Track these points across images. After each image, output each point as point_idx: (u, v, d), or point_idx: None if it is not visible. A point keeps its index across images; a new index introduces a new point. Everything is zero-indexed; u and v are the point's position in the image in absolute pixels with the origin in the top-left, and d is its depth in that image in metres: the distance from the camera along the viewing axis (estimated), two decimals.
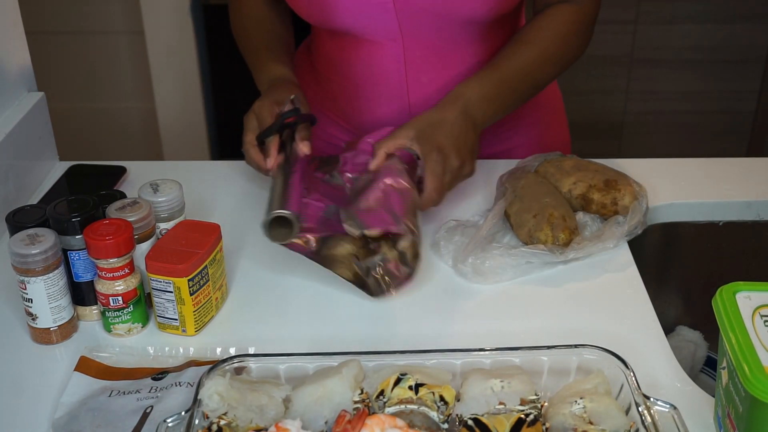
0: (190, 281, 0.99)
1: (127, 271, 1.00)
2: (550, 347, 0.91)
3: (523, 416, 0.84)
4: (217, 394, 0.84)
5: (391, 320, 1.07)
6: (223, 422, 0.83)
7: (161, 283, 1.00)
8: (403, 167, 1.14)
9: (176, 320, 1.02)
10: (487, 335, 1.01)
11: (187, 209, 1.13)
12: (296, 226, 1.04)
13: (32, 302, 1.00)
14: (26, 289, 1.00)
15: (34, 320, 1.02)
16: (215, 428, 0.82)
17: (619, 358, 0.88)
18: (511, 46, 1.25)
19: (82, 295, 1.05)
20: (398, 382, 0.86)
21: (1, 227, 1.16)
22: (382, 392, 0.86)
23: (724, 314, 0.83)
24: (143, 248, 1.04)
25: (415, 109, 1.33)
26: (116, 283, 1.01)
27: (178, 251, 1.00)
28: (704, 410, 0.91)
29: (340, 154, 1.24)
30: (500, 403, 0.85)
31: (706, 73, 2.84)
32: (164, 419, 0.84)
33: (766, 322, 0.82)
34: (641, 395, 0.84)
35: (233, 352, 1.00)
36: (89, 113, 2.67)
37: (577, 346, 0.90)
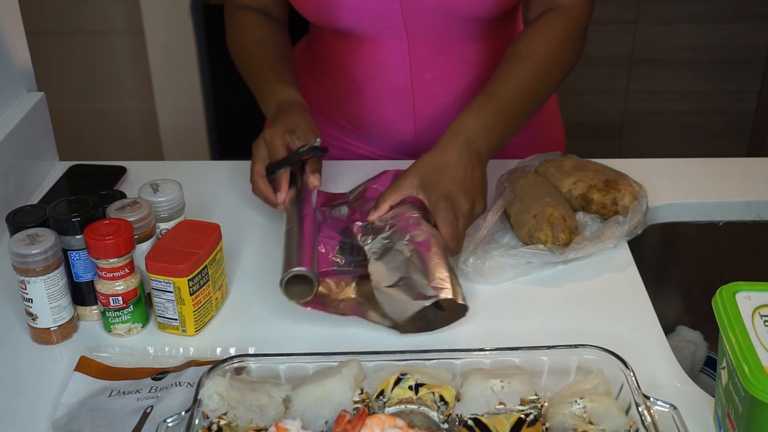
0: (190, 281, 0.99)
1: (127, 271, 1.00)
2: (550, 347, 0.91)
3: (523, 416, 0.84)
4: (217, 394, 0.84)
5: None
6: (223, 422, 0.83)
7: (161, 283, 1.00)
8: (417, 213, 1.08)
9: (176, 320, 1.02)
10: (487, 335, 1.01)
11: (187, 209, 1.13)
12: (315, 284, 1.00)
13: (32, 302, 1.00)
14: (26, 289, 1.00)
15: (34, 320, 1.02)
16: (215, 428, 0.82)
17: (619, 358, 0.88)
18: (505, 65, 1.19)
19: (82, 295, 1.05)
20: (398, 382, 0.86)
21: (1, 227, 1.16)
22: (382, 392, 0.86)
23: (724, 314, 0.83)
24: (143, 248, 1.04)
25: (419, 106, 1.33)
26: (116, 283, 1.01)
27: (178, 251, 1.00)
28: (704, 410, 0.91)
29: (346, 200, 1.21)
30: (500, 403, 0.85)
31: (706, 73, 2.84)
32: (164, 419, 0.84)
33: (766, 322, 0.82)
34: (641, 395, 0.84)
35: (233, 352, 1.00)
36: (89, 113, 2.67)
37: (577, 346, 0.90)
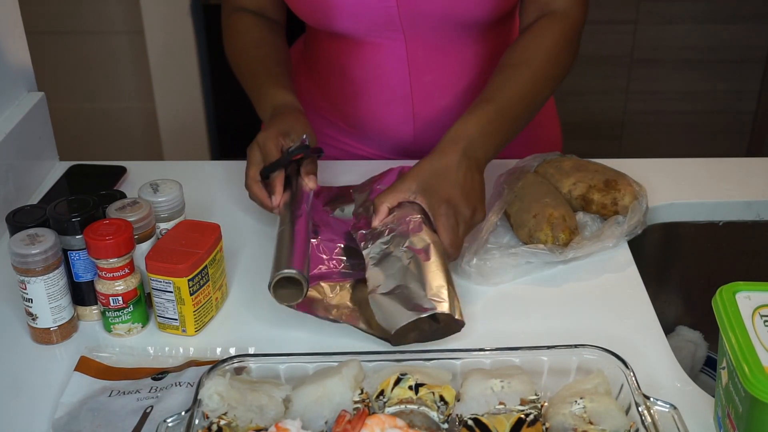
0: (190, 281, 0.99)
1: (127, 271, 1.00)
2: (550, 347, 0.91)
3: (523, 416, 0.84)
4: (217, 394, 0.84)
5: None
6: (223, 422, 0.82)
7: (161, 283, 1.00)
8: (418, 216, 1.06)
9: (176, 320, 1.02)
10: (487, 335, 1.01)
11: (187, 209, 1.13)
12: (305, 286, 0.98)
13: (32, 302, 1.00)
14: (26, 289, 1.00)
15: (34, 320, 1.02)
16: (215, 428, 0.82)
17: (619, 358, 0.88)
18: (502, 71, 1.19)
19: (82, 295, 1.05)
20: (398, 382, 0.86)
21: (1, 227, 1.16)
22: (382, 392, 0.86)
23: (724, 314, 0.83)
24: (143, 248, 1.04)
25: (418, 107, 1.33)
26: (116, 283, 1.01)
27: (178, 251, 1.00)
28: (704, 410, 0.91)
29: (350, 198, 1.20)
30: (500, 403, 0.85)
31: (706, 73, 2.84)
32: (164, 419, 0.84)
33: (766, 322, 0.82)
34: (641, 395, 0.84)
35: (233, 352, 1.00)
36: (89, 113, 2.67)
37: (577, 346, 0.90)
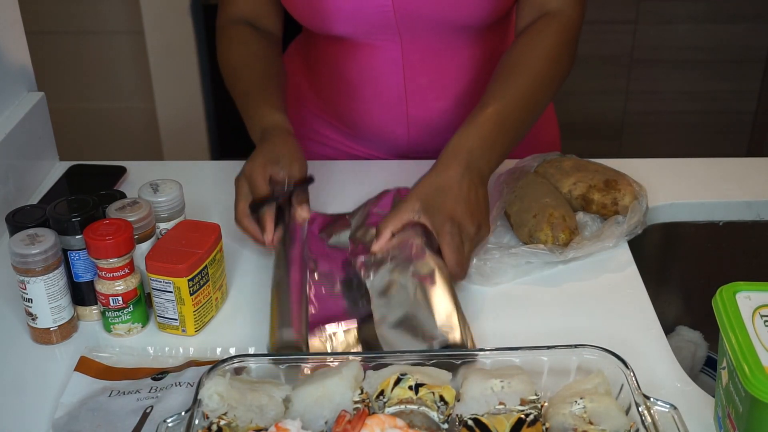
0: (190, 281, 0.99)
1: (127, 271, 1.00)
2: (550, 347, 0.90)
3: (523, 416, 0.84)
4: (217, 394, 0.84)
5: None
6: (223, 422, 0.82)
7: (161, 283, 1.00)
8: (419, 240, 1.04)
9: (176, 320, 1.02)
10: (487, 335, 1.01)
11: (187, 209, 1.13)
12: (305, 349, 0.96)
13: (32, 302, 1.00)
14: (26, 289, 1.00)
15: (34, 320, 1.02)
16: (215, 428, 0.82)
17: (619, 358, 0.88)
18: (501, 77, 1.15)
19: (82, 295, 1.05)
20: (398, 382, 0.86)
21: (1, 227, 1.16)
22: (382, 392, 0.86)
23: (724, 314, 0.83)
24: (143, 248, 1.04)
25: (412, 110, 1.33)
26: (116, 283, 1.01)
27: (178, 251, 1.00)
28: (704, 410, 0.91)
29: (347, 224, 1.17)
30: (500, 403, 0.85)
31: (706, 73, 2.84)
32: (164, 419, 0.84)
33: (766, 322, 0.82)
34: (641, 395, 0.84)
35: (233, 352, 1.00)
36: (89, 113, 2.67)
37: (577, 346, 0.90)
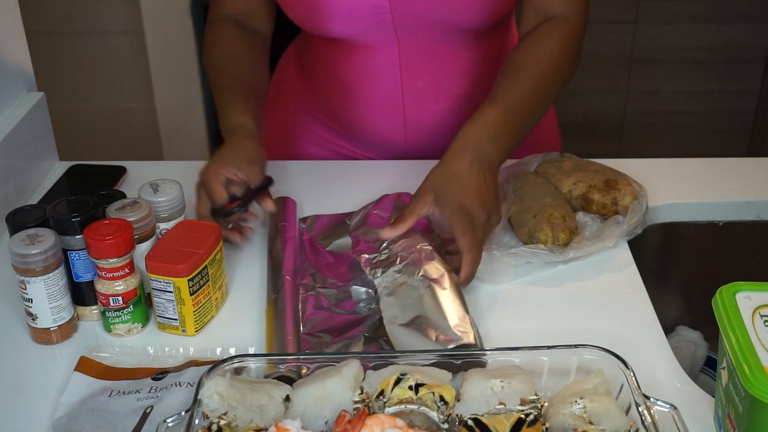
0: (190, 281, 0.99)
1: (127, 271, 1.00)
2: (550, 347, 0.90)
3: (523, 416, 0.84)
4: (217, 394, 0.84)
5: None
6: (223, 422, 0.82)
7: (161, 283, 1.00)
8: (429, 245, 1.06)
9: (176, 320, 1.02)
10: (487, 335, 1.01)
11: (187, 209, 1.13)
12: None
13: (32, 302, 1.00)
14: (26, 289, 1.00)
15: (34, 320, 1.02)
16: (215, 428, 0.82)
17: (619, 358, 0.88)
18: (506, 76, 1.18)
19: (82, 295, 1.05)
20: (398, 382, 0.86)
21: (1, 227, 1.16)
22: (382, 392, 0.86)
23: (724, 314, 0.83)
24: (143, 248, 1.04)
25: (409, 112, 1.32)
26: (116, 283, 1.01)
27: (178, 251, 1.00)
28: (704, 410, 0.91)
29: (347, 229, 1.18)
30: (500, 403, 0.85)
31: (706, 73, 2.84)
32: (164, 419, 0.84)
33: (766, 322, 0.82)
34: (641, 395, 0.84)
35: (233, 352, 1.00)
36: (89, 113, 2.67)
37: (577, 346, 0.90)
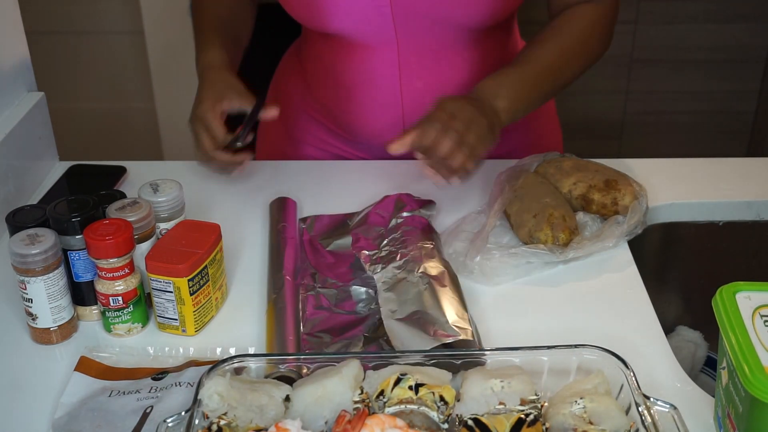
0: (190, 281, 0.99)
1: (127, 271, 1.00)
2: (550, 347, 0.91)
3: (523, 416, 0.84)
4: (217, 394, 0.84)
5: None
6: (223, 422, 0.82)
7: (161, 283, 1.00)
8: (429, 244, 1.09)
9: (176, 320, 1.02)
10: (487, 335, 1.01)
11: (187, 209, 1.13)
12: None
13: (32, 302, 1.00)
14: (26, 289, 1.00)
15: (34, 320, 1.02)
16: (215, 428, 0.82)
17: (619, 358, 0.88)
18: (531, 45, 1.24)
19: (82, 295, 1.05)
20: (398, 382, 0.86)
21: (1, 227, 1.16)
22: (382, 392, 0.86)
23: (724, 314, 0.83)
24: (143, 248, 1.04)
25: (408, 114, 1.32)
26: (116, 283, 1.01)
27: (178, 251, 1.00)
28: (704, 410, 0.91)
29: (347, 229, 1.18)
30: (500, 403, 0.85)
31: (706, 73, 2.83)
32: (164, 419, 0.84)
33: (766, 322, 0.82)
34: (641, 395, 0.84)
35: (233, 352, 1.00)
36: (89, 113, 2.67)
37: (577, 346, 0.90)
